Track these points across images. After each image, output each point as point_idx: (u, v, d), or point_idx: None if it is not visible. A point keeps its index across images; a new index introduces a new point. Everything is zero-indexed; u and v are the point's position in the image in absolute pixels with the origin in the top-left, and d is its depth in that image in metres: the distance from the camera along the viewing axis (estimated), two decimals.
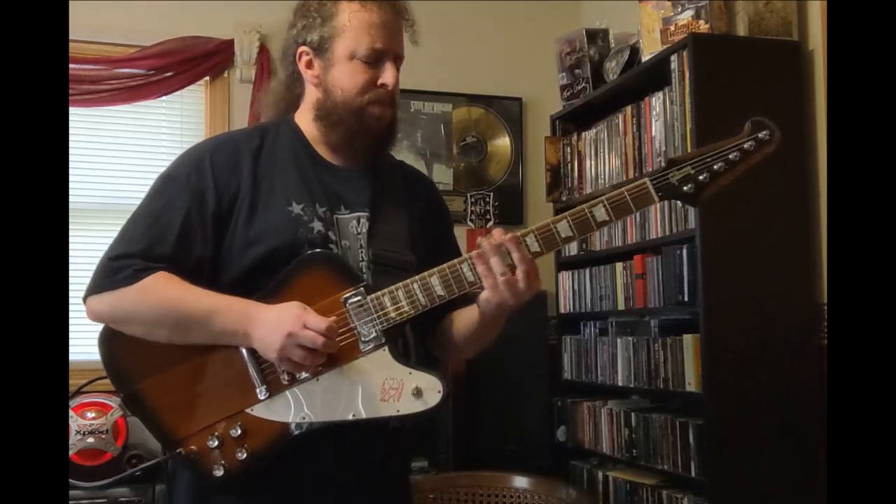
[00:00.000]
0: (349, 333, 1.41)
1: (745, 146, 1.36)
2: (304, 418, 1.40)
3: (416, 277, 1.40)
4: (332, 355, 1.39)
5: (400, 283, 1.41)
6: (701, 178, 1.36)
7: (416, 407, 1.38)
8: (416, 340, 1.53)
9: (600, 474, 3.26)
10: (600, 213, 1.37)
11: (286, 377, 1.41)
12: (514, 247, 1.36)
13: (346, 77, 1.50)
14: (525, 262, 1.35)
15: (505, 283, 1.36)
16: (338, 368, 1.40)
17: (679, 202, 1.41)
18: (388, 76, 1.50)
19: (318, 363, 1.38)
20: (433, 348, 1.63)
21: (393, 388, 1.39)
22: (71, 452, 2.84)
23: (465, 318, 1.55)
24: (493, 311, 1.42)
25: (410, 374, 1.39)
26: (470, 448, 3.33)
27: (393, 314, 1.40)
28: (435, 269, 1.40)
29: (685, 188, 1.37)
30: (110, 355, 1.46)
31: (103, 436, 2.92)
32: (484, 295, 1.40)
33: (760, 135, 1.36)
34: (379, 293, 1.41)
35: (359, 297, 1.41)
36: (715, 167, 1.36)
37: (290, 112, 1.61)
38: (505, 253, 1.36)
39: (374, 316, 1.40)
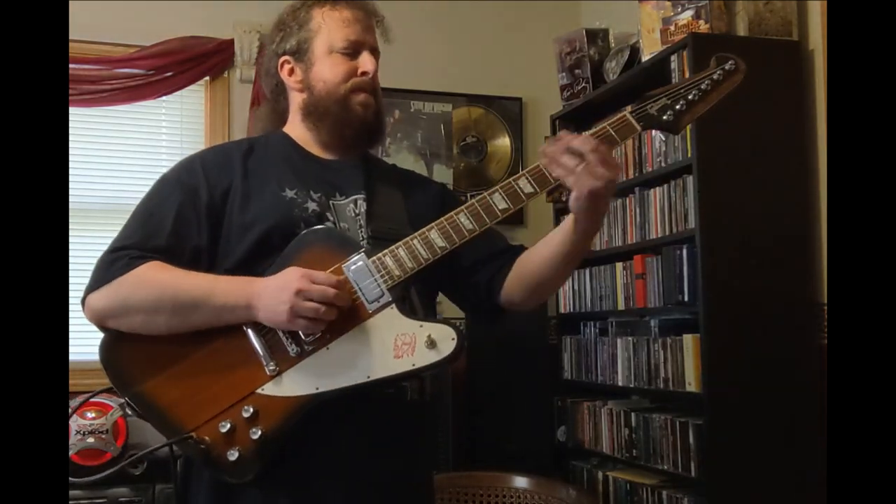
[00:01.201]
0: (354, 297, 1.40)
1: (714, 77, 1.44)
2: (318, 388, 1.38)
3: (416, 234, 1.42)
4: (340, 321, 1.38)
5: (400, 242, 1.42)
6: (678, 106, 1.43)
7: (432, 358, 1.36)
8: (423, 300, 1.52)
9: (600, 474, 3.27)
10: None
11: (294, 349, 1.39)
12: (571, 137, 1.36)
13: (326, 70, 1.56)
14: (589, 144, 1.35)
15: (584, 171, 1.35)
16: (347, 334, 1.39)
17: (661, 133, 1.47)
18: (366, 64, 1.56)
19: (330, 317, 1.37)
20: (507, 297, 1.58)
21: (406, 344, 1.37)
22: (71, 452, 2.84)
23: (549, 245, 1.53)
24: (585, 206, 1.39)
25: (421, 326, 1.38)
26: (470, 448, 3.33)
27: (396, 271, 1.40)
28: (433, 224, 1.41)
29: (664, 117, 1.43)
30: (112, 361, 1.45)
31: (103, 436, 2.91)
32: (573, 195, 1.38)
33: (726, 66, 1.44)
34: (380, 254, 1.41)
35: (360, 262, 1.41)
36: (689, 96, 1.43)
37: (279, 128, 1.65)
38: (569, 148, 1.36)
39: (377, 276, 1.40)
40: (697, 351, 2.71)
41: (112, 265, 1.44)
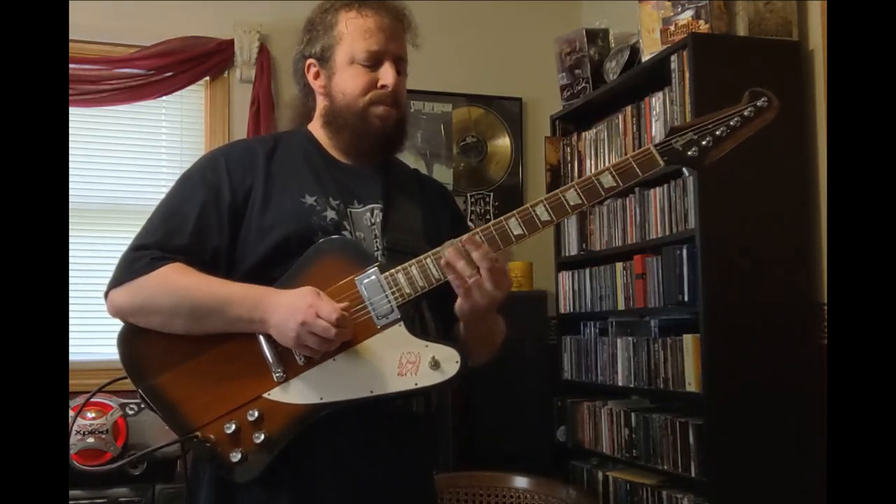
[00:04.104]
0: (364, 311, 1.42)
1: (746, 113, 1.40)
2: (321, 399, 1.40)
3: (430, 253, 1.42)
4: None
5: (413, 260, 1.42)
6: (704, 142, 1.40)
7: (435, 378, 1.39)
8: (435, 318, 1.54)
9: (600, 474, 3.27)
10: (607, 179, 1.41)
11: (302, 358, 1.42)
12: (473, 248, 1.36)
13: (347, 81, 1.55)
14: (487, 260, 1.35)
15: (474, 285, 1.36)
16: (354, 347, 1.41)
17: (685, 168, 1.43)
18: (387, 77, 1.54)
19: (332, 348, 1.39)
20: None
21: (410, 362, 1.39)
22: (71, 452, 2.84)
23: (461, 328, 1.56)
24: (468, 315, 1.43)
25: (427, 346, 1.40)
26: (470, 448, 3.32)
27: (407, 289, 1.41)
28: (447, 244, 1.41)
29: (689, 152, 1.41)
30: (129, 352, 1.47)
31: (103, 436, 2.91)
32: (458, 302, 1.41)
33: (759, 102, 1.41)
34: (392, 270, 1.42)
35: (373, 276, 1.42)
36: (717, 132, 1.40)
37: (305, 124, 1.66)
38: (469, 257, 1.36)
39: (389, 292, 1.41)
40: (697, 351, 2.71)
41: (134, 264, 1.46)
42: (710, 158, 1.41)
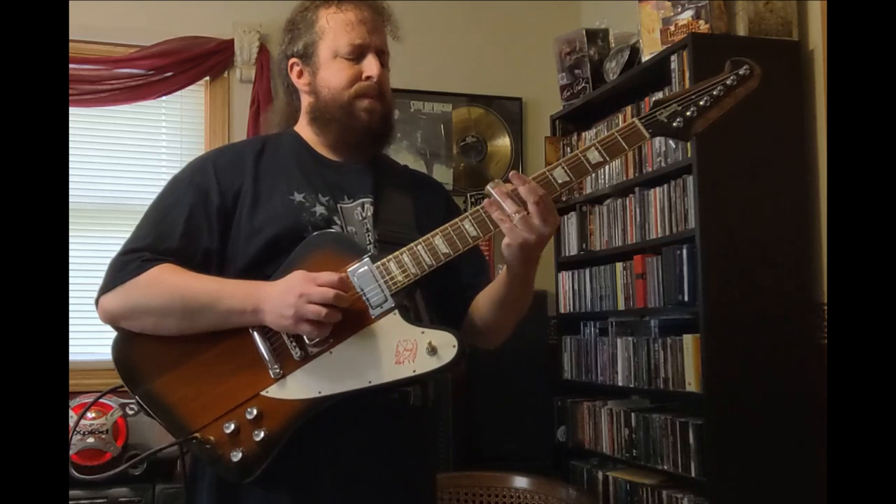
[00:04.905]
0: (358, 302, 1.41)
1: (728, 82, 1.40)
2: (320, 392, 1.40)
3: (420, 240, 1.42)
4: (343, 325, 1.39)
5: (404, 248, 1.42)
6: (688, 113, 1.40)
7: (432, 364, 1.38)
8: (428, 305, 1.53)
9: (600, 474, 3.27)
10: (594, 155, 1.41)
11: (298, 352, 1.40)
12: (519, 182, 1.36)
13: (331, 76, 1.55)
14: (534, 194, 1.35)
15: (521, 221, 1.35)
16: (350, 338, 1.40)
17: (672, 140, 1.43)
18: (371, 68, 1.54)
19: (334, 319, 1.37)
20: (468, 337, 1.61)
21: (407, 350, 1.39)
22: (71, 452, 2.84)
23: (491, 290, 1.56)
24: (516, 255, 1.40)
25: (423, 332, 1.39)
26: (470, 448, 3.32)
27: (400, 277, 1.41)
28: (438, 230, 1.41)
29: (674, 123, 1.41)
30: (123, 359, 1.47)
31: (103, 436, 2.91)
32: (505, 241, 1.39)
33: (741, 71, 1.40)
34: (384, 259, 1.42)
35: (365, 267, 1.41)
36: (700, 102, 1.40)
37: (292, 125, 1.66)
38: (514, 193, 1.36)
39: (382, 281, 1.41)
40: (697, 351, 2.71)
41: (124, 267, 1.46)
42: (696, 129, 1.41)
